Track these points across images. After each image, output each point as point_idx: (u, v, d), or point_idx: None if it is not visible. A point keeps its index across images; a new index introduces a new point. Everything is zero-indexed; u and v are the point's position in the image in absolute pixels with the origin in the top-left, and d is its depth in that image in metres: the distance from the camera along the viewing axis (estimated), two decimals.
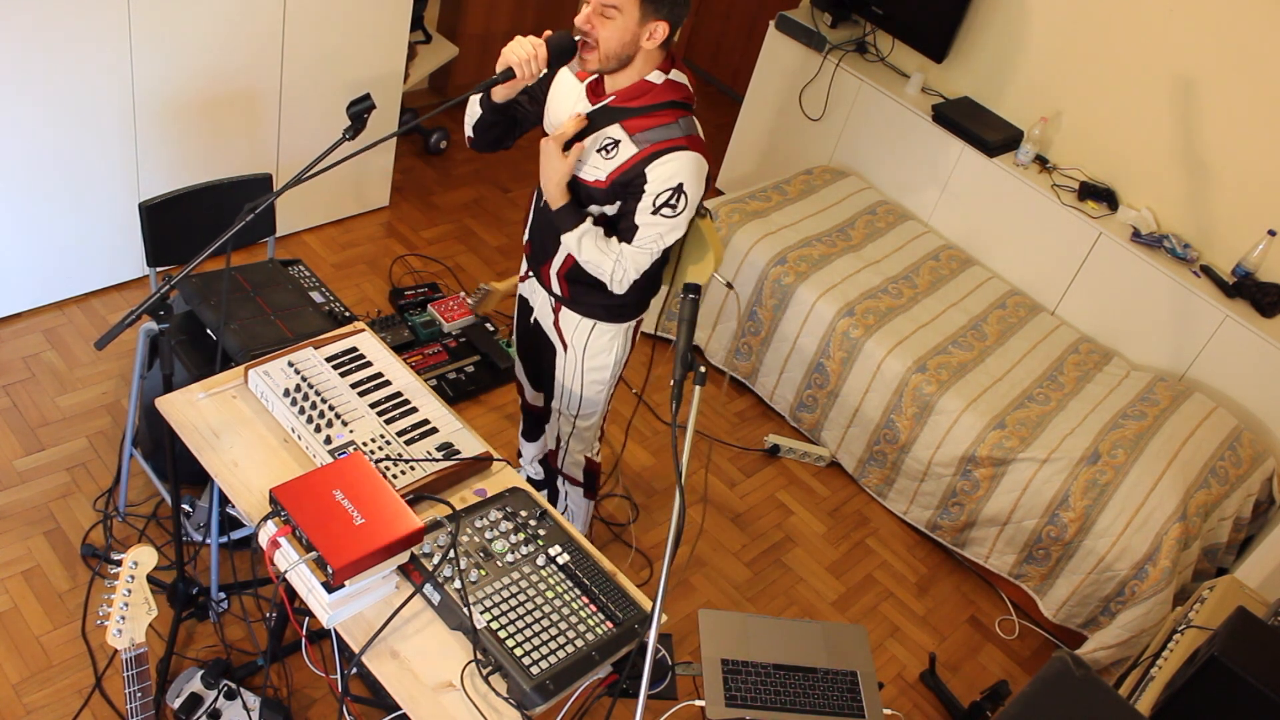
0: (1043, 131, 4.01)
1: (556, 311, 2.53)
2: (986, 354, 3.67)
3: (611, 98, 2.18)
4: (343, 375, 2.28)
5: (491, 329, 3.84)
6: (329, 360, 2.31)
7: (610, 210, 2.28)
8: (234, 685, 2.49)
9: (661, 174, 2.14)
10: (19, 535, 2.81)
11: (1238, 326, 3.56)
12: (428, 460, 2.15)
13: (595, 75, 2.20)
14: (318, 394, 2.20)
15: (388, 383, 2.31)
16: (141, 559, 1.79)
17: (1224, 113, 3.63)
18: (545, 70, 2.10)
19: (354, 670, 1.90)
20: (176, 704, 2.45)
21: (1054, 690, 1.95)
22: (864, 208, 4.19)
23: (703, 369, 1.86)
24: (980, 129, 4.04)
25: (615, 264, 2.28)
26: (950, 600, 3.51)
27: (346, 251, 4.05)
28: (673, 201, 2.17)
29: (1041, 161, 4.08)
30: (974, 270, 4.08)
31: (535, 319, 2.64)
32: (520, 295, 2.71)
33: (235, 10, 3.27)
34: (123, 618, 1.81)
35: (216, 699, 2.47)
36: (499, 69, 2.10)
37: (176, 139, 3.39)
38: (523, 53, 2.06)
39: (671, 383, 1.84)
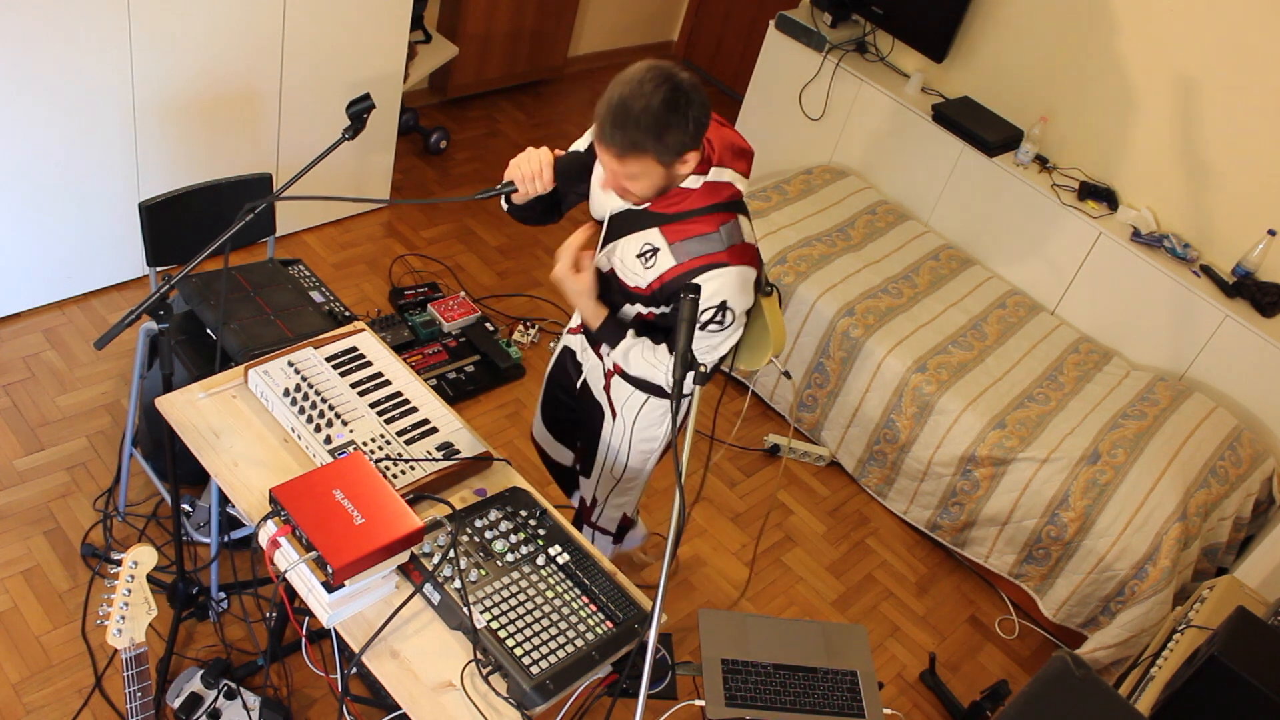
0: (1043, 131, 4.01)
1: (608, 378, 2.41)
2: (986, 354, 3.67)
3: (648, 204, 2.08)
4: (343, 375, 2.28)
5: (491, 329, 3.85)
6: (329, 360, 2.31)
7: (657, 312, 2.19)
8: (234, 685, 2.49)
9: (703, 294, 2.02)
10: (19, 535, 2.81)
11: (1238, 326, 3.56)
12: (428, 460, 2.15)
13: None
14: (318, 394, 2.20)
15: (388, 383, 2.31)
16: (141, 559, 1.79)
17: (1224, 113, 3.63)
18: (550, 188, 2.05)
19: (354, 670, 1.90)
20: (176, 704, 2.45)
21: (1054, 690, 1.95)
22: (864, 208, 4.19)
23: (703, 369, 1.86)
24: (980, 129, 4.04)
25: (667, 375, 2.18)
26: (950, 600, 3.51)
27: (346, 251, 4.05)
28: (719, 319, 2.08)
29: (1041, 161, 4.08)
30: (974, 270, 4.08)
31: (585, 380, 2.50)
32: (567, 347, 2.57)
33: (235, 10, 3.27)
34: (123, 617, 1.81)
35: (216, 699, 2.47)
36: (506, 176, 2.05)
37: (176, 139, 3.39)
38: (527, 170, 2.02)
39: (672, 383, 1.84)
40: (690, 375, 1.80)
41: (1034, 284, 4.06)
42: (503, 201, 2.24)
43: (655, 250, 2.08)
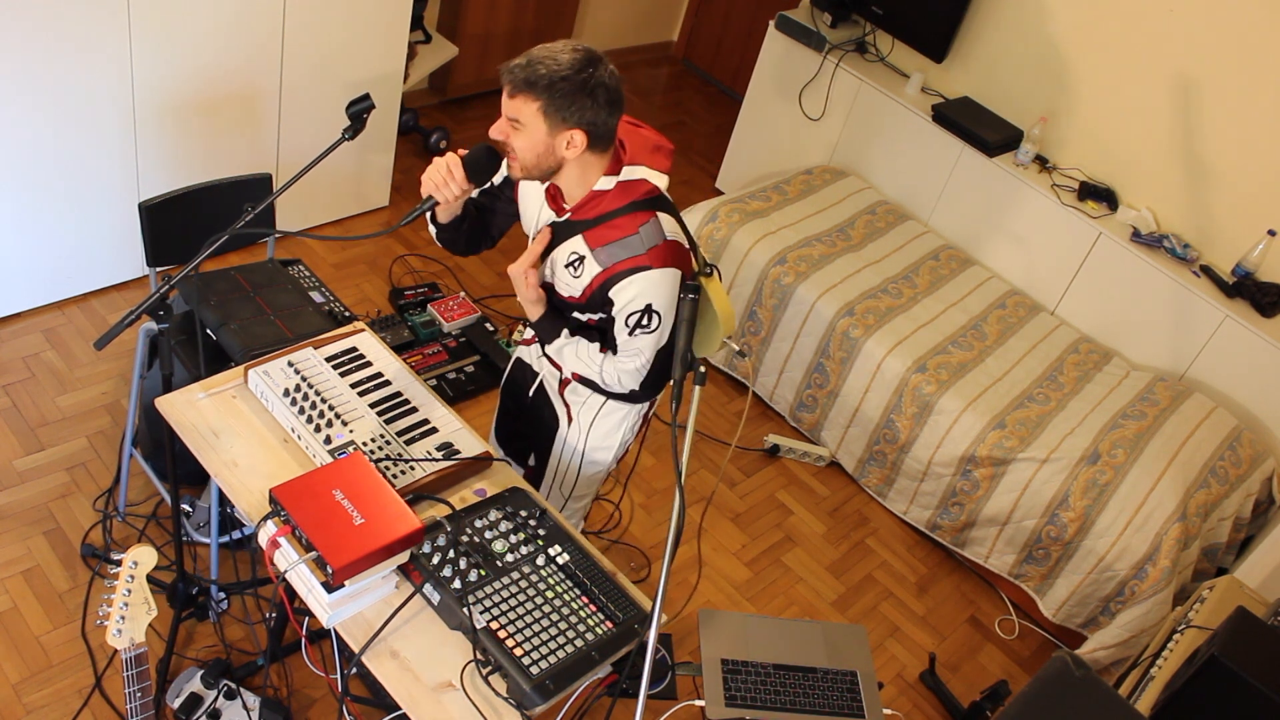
0: (1043, 131, 4.01)
1: (564, 385, 2.39)
2: (986, 354, 3.67)
3: (570, 213, 2.08)
4: (343, 375, 2.28)
5: (491, 329, 3.84)
6: (329, 360, 2.31)
7: (596, 318, 2.18)
8: (234, 685, 2.49)
9: (624, 298, 2.04)
10: (19, 535, 2.81)
11: (1237, 326, 3.56)
12: (428, 460, 2.15)
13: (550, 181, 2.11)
14: (318, 394, 2.20)
15: (388, 383, 2.31)
16: (141, 559, 1.79)
17: (1224, 113, 3.63)
18: (468, 187, 2.05)
19: (354, 670, 1.90)
20: (176, 704, 2.45)
21: (1054, 690, 1.95)
22: (864, 208, 4.19)
23: (702, 369, 1.86)
24: (980, 129, 4.04)
25: (600, 374, 2.19)
26: (950, 600, 3.51)
27: (346, 251, 4.05)
28: (644, 322, 2.06)
29: (1041, 161, 4.08)
30: (974, 270, 4.08)
31: (540, 384, 2.47)
32: (518, 359, 2.54)
33: (235, 10, 3.27)
34: (123, 618, 1.81)
35: (216, 699, 2.47)
36: (422, 194, 2.06)
37: (176, 139, 3.39)
38: (436, 177, 2.02)
39: (671, 383, 1.84)
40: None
41: (1034, 284, 4.06)
42: (430, 226, 2.23)
43: (581, 259, 2.08)
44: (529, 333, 2.50)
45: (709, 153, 5.30)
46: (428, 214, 2.19)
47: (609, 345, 2.19)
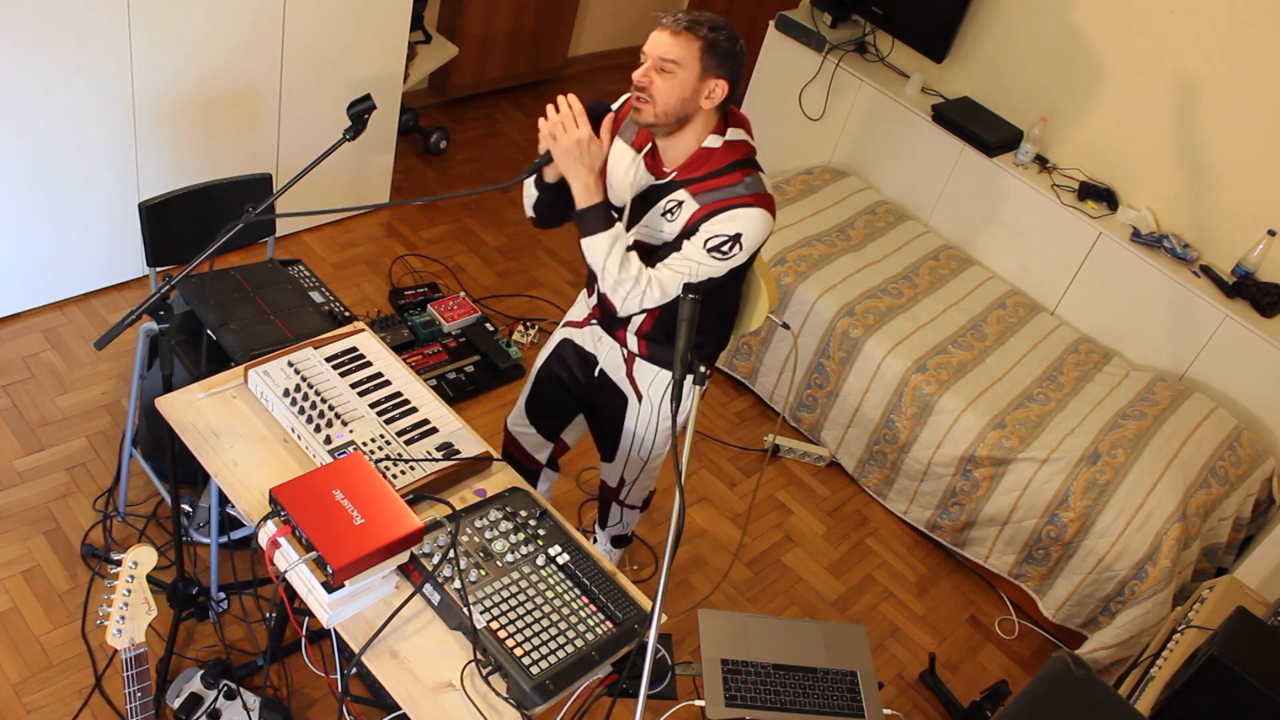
0: (1043, 131, 4.01)
1: (630, 363, 2.44)
2: (986, 354, 3.67)
3: (673, 174, 2.13)
4: (343, 375, 2.28)
5: (491, 329, 3.84)
6: (329, 360, 2.31)
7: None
8: (234, 685, 2.50)
9: (716, 223, 2.08)
10: (19, 535, 2.81)
11: (1237, 326, 3.56)
12: (428, 460, 2.15)
13: (650, 145, 2.14)
14: (318, 394, 2.20)
15: (388, 383, 2.31)
16: (141, 559, 1.79)
17: (1224, 113, 3.63)
18: (591, 132, 2.06)
19: (354, 670, 1.90)
20: (176, 704, 2.45)
21: (1054, 690, 1.95)
22: (864, 208, 4.19)
23: (703, 369, 1.86)
24: (980, 129, 4.04)
25: (634, 285, 2.12)
26: (950, 600, 3.51)
27: (346, 251, 4.05)
28: (725, 248, 2.10)
29: (1041, 161, 4.08)
30: (974, 270, 4.08)
31: (601, 370, 2.51)
32: (567, 340, 2.57)
33: (235, 11, 3.27)
34: (122, 618, 1.81)
35: (216, 699, 2.47)
36: (540, 150, 2.08)
37: (176, 139, 3.38)
38: (564, 118, 2.04)
39: (671, 383, 1.84)
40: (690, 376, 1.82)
41: (1034, 284, 4.06)
42: (529, 193, 2.23)
43: (680, 203, 2.14)
44: (574, 314, 2.53)
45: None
46: (530, 180, 2.23)
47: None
